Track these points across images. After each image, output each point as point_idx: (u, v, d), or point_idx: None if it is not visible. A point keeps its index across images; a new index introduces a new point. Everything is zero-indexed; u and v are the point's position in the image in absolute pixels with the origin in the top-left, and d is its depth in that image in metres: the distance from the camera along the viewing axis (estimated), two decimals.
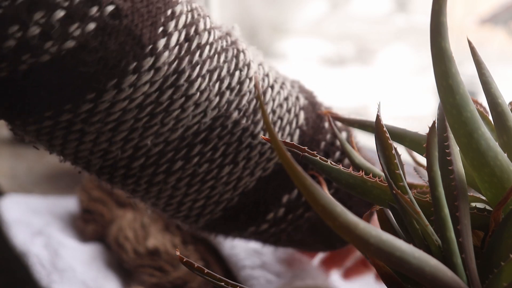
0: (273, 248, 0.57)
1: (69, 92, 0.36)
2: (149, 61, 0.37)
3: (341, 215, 0.20)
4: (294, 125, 0.43)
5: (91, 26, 0.35)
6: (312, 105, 0.46)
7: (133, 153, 0.40)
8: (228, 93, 0.40)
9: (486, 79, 0.28)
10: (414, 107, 1.37)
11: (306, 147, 0.31)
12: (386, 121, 0.30)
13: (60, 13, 0.34)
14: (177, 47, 0.38)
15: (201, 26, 0.40)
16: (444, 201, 0.26)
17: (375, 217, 0.43)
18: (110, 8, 0.35)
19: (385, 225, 0.30)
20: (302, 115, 0.44)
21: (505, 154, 0.26)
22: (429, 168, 0.26)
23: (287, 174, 0.45)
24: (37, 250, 0.68)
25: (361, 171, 0.28)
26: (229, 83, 0.40)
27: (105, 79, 0.36)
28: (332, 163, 0.28)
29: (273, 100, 0.42)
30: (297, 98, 0.45)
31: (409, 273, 0.22)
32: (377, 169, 0.33)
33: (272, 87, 0.43)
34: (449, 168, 0.26)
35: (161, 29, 0.37)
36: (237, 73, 0.41)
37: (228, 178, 0.42)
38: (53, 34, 0.34)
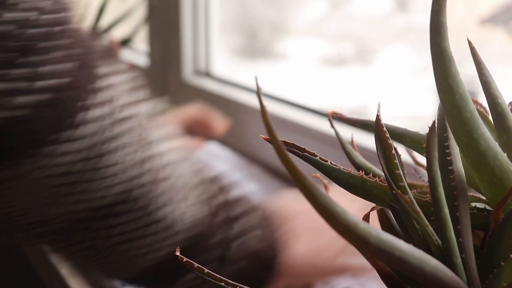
0: None
1: None
2: (68, 134, 0.39)
3: (341, 215, 0.20)
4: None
5: (25, 99, 0.37)
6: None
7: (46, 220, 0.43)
8: (135, 169, 0.42)
9: (486, 79, 0.28)
10: (414, 107, 1.37)
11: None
12: (386, 121, 0.30)
13: None
14: (95, 122, 0.39)
15: (121, 101, 0.41)
16: (444, 201, 0.26)
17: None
18: (41, 83, 0.38)
19: (385, 225, 0.30)
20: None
21: (505, 154, 0.26)
22: (429, 168, 0.26)
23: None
24: None
25: (361, 171, 0.28)
26: (137, 160, 0.42)
27: (24, 149, 0.38)
28: (332, 162, 0.28)
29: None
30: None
31: (409, 273, 0.22)
32: (377, 169, 0.33)
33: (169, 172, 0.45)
34: (449, 168, 0.26)
35: (81, 103, 0.39)
36: (143, 149, 0.42)
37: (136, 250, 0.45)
38: None
